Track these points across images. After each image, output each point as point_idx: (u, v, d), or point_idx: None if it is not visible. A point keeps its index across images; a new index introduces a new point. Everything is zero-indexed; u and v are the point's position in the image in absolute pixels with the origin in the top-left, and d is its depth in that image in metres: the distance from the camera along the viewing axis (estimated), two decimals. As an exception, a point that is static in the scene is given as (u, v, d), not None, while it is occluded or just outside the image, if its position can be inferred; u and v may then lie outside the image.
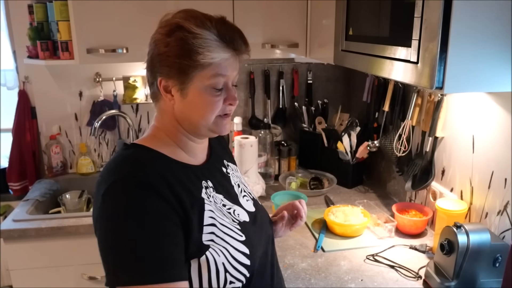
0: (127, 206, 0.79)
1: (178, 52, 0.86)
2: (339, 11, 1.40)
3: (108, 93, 2.22)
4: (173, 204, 0.82)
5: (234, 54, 0.90)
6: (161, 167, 0.87)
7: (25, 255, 1.74)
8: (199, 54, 0.85)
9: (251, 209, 1.04)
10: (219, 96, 0.90)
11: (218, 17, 0.91)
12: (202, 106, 0.90)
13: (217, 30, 0.88)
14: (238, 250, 0.90)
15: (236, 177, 1.10)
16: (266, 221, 1.09)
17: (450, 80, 0.92)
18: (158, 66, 0.90)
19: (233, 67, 0.91)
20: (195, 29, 0.86)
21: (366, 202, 1.80)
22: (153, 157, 0.90)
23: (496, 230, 1.29)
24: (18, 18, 2.06)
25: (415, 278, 1.32)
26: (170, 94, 0.91)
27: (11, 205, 2.25)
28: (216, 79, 0.88)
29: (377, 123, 1.98)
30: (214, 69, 0.87)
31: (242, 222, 0.96)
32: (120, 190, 0.81)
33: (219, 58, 0.87)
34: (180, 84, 0.88)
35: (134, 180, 0.81)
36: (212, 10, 1.95)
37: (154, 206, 0.80)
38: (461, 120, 1.44)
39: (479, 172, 1.36)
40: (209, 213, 0.89)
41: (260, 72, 2.33)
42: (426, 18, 0.92)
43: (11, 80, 2.27)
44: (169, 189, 0.83)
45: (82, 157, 2.23)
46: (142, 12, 1.77)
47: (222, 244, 0.88)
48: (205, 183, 0.94)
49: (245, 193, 1.08)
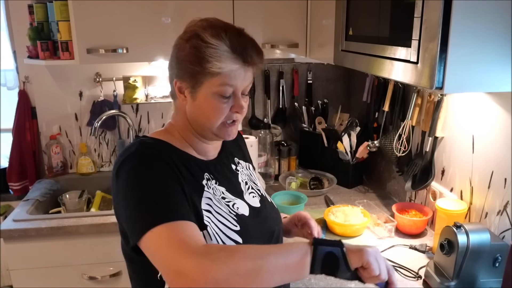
0: (136, 172, 0.88)
1: (191, 58, 0.92)
2: (339, 11, 1.40)
3: (108, 93, 2.22)
4: (177, 174, 0.90)
5: (243, 65, 0.94)
6: (167, 151, 0.95)
7: (25, 255, 1.74)
8: (208, 63, 0.91)
9: (255, 205, 1.07)
10: (226, 103, 0.95)
11: (236, 29, 0.96)
12: (208, 110, 0.95)
13: (230, 41, 0.92)
14: (231, 238, 0.94)
15: (245, 175, 1.14)
16: (273, 217, 1.11)
17: (450, 80, 0.92)
18: (175, 68, 0.97)
19: (242, 78, 0.94)
20: (209, 38, 0.91)
21: (366, 202, 1.80)
22: (161, 144, 0.98)
23: (496, 230, 1.29)
24: (18, 18, 2.06)
25: (415, 278, 1.32)
26: (183, 95, 0.97)
27: (11, 205, 2.25)
28: (224, 88, 0.93)
29: (377, 123, 1.98)
30: (222, 78, 0.92)
31: (240, 214, 1.00)
32: (129, 162, 0.90)
33: (227, 68, 0.91)
34: (191, 87, 0.95)
35: (142, 153, 0.92)
36: (212, 10, 1.97)
37: (160, 167, 0.89)
38: (461, 120, 1.44)
39: (479, 172, 1.36)
40: (207, 200, 0.95)
41: (260, 72, 2.32)
42: (426, 18, 0.92)
43: (11, 80, 2.27)
44: (174, 165, 0.91)
45: (82, 157, 2.23)
46: (142, 12, 1.77)
47: (216, 230, 0.92)
48: (207, 175, 1.00)
49: (252, 190, 1.12)
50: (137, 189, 0.87)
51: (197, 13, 1.81)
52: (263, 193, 1.15)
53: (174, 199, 0.86)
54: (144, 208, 0.84)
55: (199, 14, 1.97)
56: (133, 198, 0.87)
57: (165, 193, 0.86)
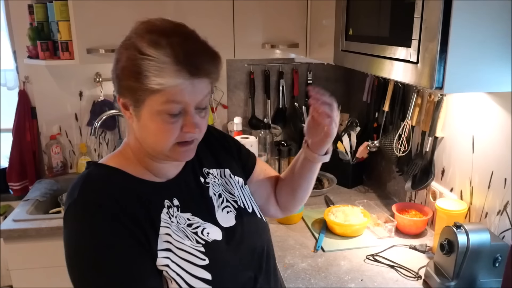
0: (82, 232, 0.79)
1: (128, 73, 0.79)
2: (339, 11, 1.40)
3: (108, 93, 2.22)
4: (128, 226, 0.79)
5: (190, 78, 0.77)
6: (116, 187, 0.84)
7: (25, 255, 1.74)
8: (146, 78, 0.76)
9: (228, 224, 0.96)
10: (174, 123, 0.80)
11: (182, 32, 0.81)
12: (154, 131, 0.82)
13: (172, 50, 0.76)
14: (196, 276, 0.83)
15: (218, 186, 1.00)
16: (253, 231, 0.99)
17: (450, 80, 0.92)
18: (115, 82, 0.84)
19: (192, 92, 0.79)
20: (145, 49, 0.76)
21: (366, 202, 1.80)
22: (109, 177, 0.86)
23: (496, 230, 1.29)
24: (18, 18, 2.06)
25: (415, 278, 1.32)
26: (129, 112, 0.84)
27: (11, 205, 2.25)
28: (169, 106, 0.78)
29: (377, 123, 1.98)
30: (165, 95, 0.77)
31: (210, 242, 0.88)
32: (73, 215, 0.81)
33: (169, 84, 0.76)
34: (133, 105, 0.81)
35: (84, 205, 0.80)
36: (212, 10, 1.97)
37: (107, 227, 0.78)
38: (461, 120, 1.44)
39: (479, 172, 1.36)
40: (165, 236, 0.83)
41: (260, 72, 2.33)
42: (426, 18, 0.92)
43: (11, 80, 2.27)
44: (121, 211, 0.80)
45: (82, 157, 2.23)
46: (142, 12, 1.75)
47: (177, 270, 0.82)
48: (168, 202, 0.88)
49: (227, 203, 0.99)
50: (86, 261, 0.78)
51: (197, 13, 1.83)
52: (241, 204, 1.01)
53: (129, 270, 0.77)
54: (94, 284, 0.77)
55: (199, 14, 1.98)
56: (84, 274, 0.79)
57: (118, 265, 0.77)
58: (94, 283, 0.78)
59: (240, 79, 2.33)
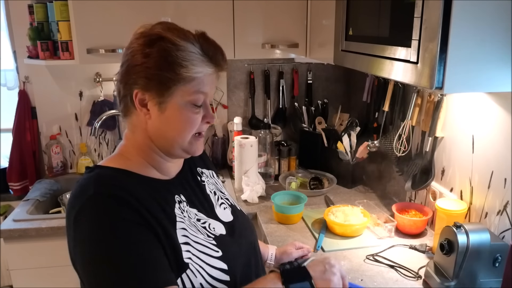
0: (100, 225, 0.77)
1: (159, 64, 0.82)
2: (339, 11, 1.40)
3: (108, 93, 2.22)
4: (147, 218, 0.79)
5: (215, 70, 0.87)
6: (127, 183, 0.84)
7: (25, 255, 1.74)
8: (182, 67, 0.82)
9: (227, 219, 1.01)
10: (198, 113, 0.87)
11: (199, 32, 0.88)
12: (180, 122, 0.86)
13: (200, 45, 0.85)
14: (215, 267, 0.86)
15: (212, 184, 1.07)
16: (246, 227, 1.05)
17: (450, 80, 0.92)
18: (135, 78, 0.84)
19: (213, 84, 0.88)
20: (179, 41, 0.82)
21: (366, 202, 1.80)
22: (118, 175, 0.86)
23: (496, 230, 1.29)
24: (18, 18, 2.06)
25: (415, 278, 1.32)
26: (145, 108, 0.86)
27: (11, 205, 2.25)
28: (197, 96, 0.85)
29: (377, 123, 1.98)
30: (197, 84, 0.84)
31: (218, 236, 0.93)
32: (88, 212, 0.78)
33: (203, 73, 0.84)
34: (159, 97, 0.84)
35: (100, 198, 0.79)
36: (212, 10, 1.97)
37: (127, 216, 0.78)
38: (461, 120, 1.44)
39: (479, 172, 1.36)
40: (182, 231, 0.85)
41: (260, 72, 2.33)
42: (426, 18, 0.92)
43: (11, 80, 2.27)
44: (141, 205, 0.80)
45: (82, 157, 2.24)
46: (142, 12, 1.77)
47: (199, 263, 0.85)
48: (178, 197, 0.91)
49: (222, 200, 1.05)
50: (104, 252, 0.76)
51: (197, 13, 1.83)
52: (232, 202, 1.09)
53: (148, 261, 0.76)
54: (116, 280, 0.74)
55: (199, 14, 1.98)
56: (102, 267, 0.75)
57: (139, 256, 0.76)
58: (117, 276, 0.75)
59: (240, 79, 2.33)
